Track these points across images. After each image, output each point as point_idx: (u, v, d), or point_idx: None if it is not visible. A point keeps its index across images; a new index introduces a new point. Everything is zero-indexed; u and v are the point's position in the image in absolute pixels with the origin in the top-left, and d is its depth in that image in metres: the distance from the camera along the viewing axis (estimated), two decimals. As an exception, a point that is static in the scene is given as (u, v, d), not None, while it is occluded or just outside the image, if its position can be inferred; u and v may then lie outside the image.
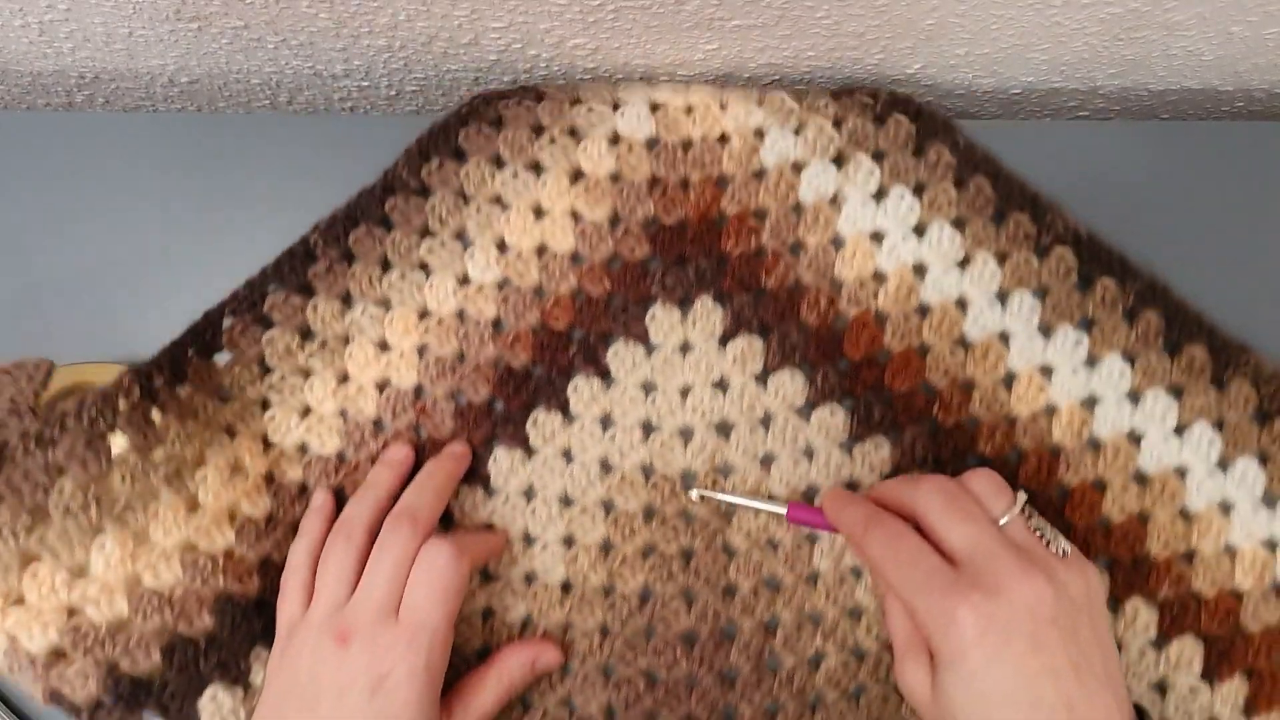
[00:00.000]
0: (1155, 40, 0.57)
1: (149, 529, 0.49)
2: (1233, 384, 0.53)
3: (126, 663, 0.48)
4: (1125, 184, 0.58)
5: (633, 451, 0.54)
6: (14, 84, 0.63)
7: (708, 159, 0.55)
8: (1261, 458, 0.53)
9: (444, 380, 0.54)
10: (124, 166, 0.57)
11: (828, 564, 0.53)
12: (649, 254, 0.55)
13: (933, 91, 0.63)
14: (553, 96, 0.55)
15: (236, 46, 0.58)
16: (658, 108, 0.55)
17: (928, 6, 0.53)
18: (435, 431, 0.53)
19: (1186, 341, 0.53)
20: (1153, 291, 0.54)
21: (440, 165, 0.55)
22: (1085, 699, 0.41)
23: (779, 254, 0.55)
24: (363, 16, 0.54)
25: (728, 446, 0.54)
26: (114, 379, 0.48)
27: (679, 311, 0.54)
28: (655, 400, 0.54)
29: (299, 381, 0.53)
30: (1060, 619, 0.42)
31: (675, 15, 0.53)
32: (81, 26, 0.55)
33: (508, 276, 0.55)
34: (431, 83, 0.62)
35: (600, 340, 0.54)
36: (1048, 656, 0.41)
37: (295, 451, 0.53)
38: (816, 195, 0.55)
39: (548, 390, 0.54)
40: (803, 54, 0.58)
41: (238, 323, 0.52)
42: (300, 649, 0.46)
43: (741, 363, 0.54)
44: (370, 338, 0.54)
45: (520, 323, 0.54)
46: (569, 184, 0.55)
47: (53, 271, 0.57)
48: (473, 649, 0.52)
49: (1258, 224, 0.58)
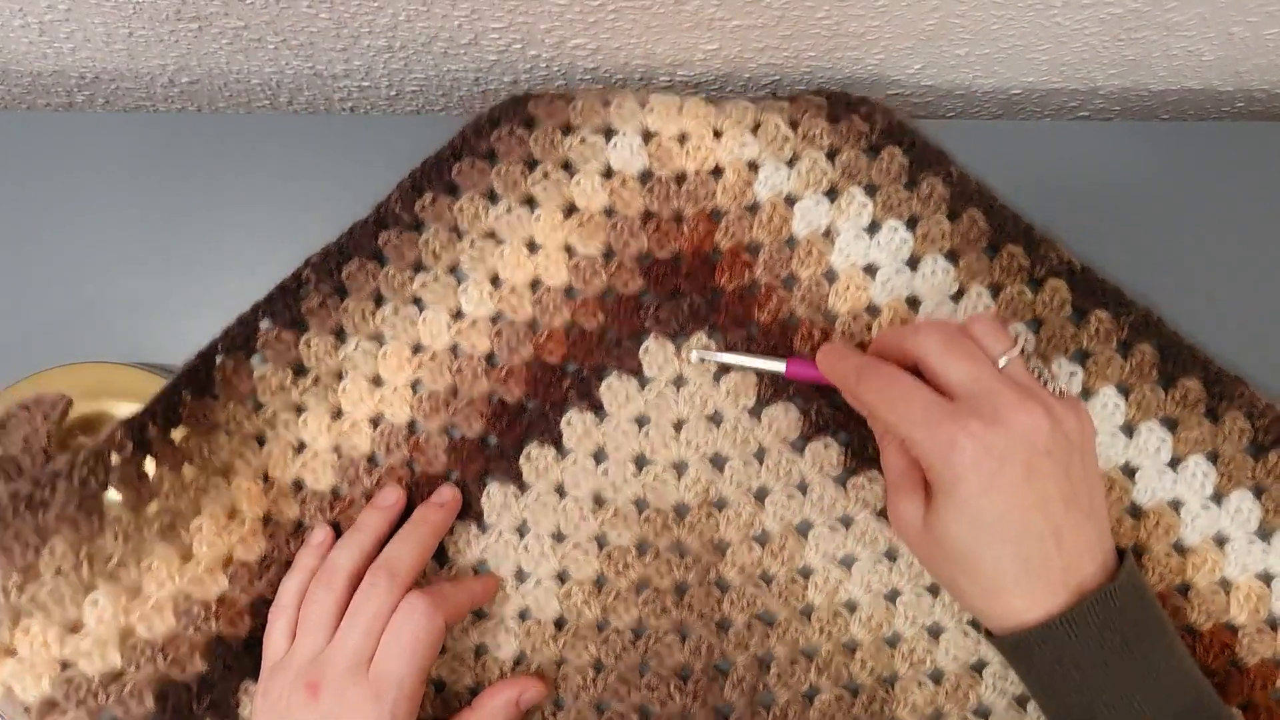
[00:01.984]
0: (1155, 40, 0.57)
1: (142, 582, 0.49)
2: (1227, 417, 0.53)
3: (120, 710, 0.48)
4: (1125, 184, 0.58)
5: (626, 486, 0.54)
6: (14, 84, 0.63)
7: (701, 193, 0.55)
8: (1256, 491, 0.53)
9: (437, 415, 0.54)
10: (124, 166, 0.57)
11: (822, 598, 0.53)
12: (642, 288, 0.55)
13: (933, 91, 0.64)
14: (543, 124, 0.55)
15: (236, 46, 0.58)
16: (650, 138, 0.55)
17: (928, 6, 0.53)
18: (429, 467, 0.53)
19: (1181, 374, 0.53)
20: (1147, 324, 0.54)
21: (433, 200, 0.54)
22: (1072, 530, 0.43)
23: (772, 288, 0.55)
24: (363, 16, 0.54)
25: (721, 480, 0.54)
26: (106, 433, 0.47)
27: (672, 345, 0.54)
28: (649, 434, 0.54)
29: (292, 418, 0.53)
30: (1055, 451, 0.43)
31: (675, 15, 0.53)
32: (81, 26, 0.55)
33: (501, 311, 0.54)
34: (431, 83, 0.62)
35: (594, 374, 0.54)
36: (1040, 486, 0.42)
37: (291, 488, 0.53)
38: (810, 229, 0.55)
39: (541, 424, 0.54)
40: (803, 54, 0.58)
41: (231, 360, 0.52)
42: (278, 694, 0.47)
43: (735, 396, 0.54)
44: (364, 373, 0.54)
45: (514, 357, 0.54)
46: (562, 218, 0.55)
47: (53, 271, 0.57)
48: (464, 686, 0.52)
49: (1258, 224, 0.58)
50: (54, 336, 0.56)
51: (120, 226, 0.57)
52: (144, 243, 0.57)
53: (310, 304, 0.53)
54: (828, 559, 0.53)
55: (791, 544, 0.53)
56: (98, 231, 0.57)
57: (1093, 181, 0.58)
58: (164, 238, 0.57)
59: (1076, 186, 0.58)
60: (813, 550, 0.53)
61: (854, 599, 0.53)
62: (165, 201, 0.57)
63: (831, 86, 0.63)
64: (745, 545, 0.53)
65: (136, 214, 0.57)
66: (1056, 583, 0.43)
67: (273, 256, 0.57)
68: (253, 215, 0.57)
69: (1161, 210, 0.58)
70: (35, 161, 0.57)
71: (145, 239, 0.57)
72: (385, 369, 0.54)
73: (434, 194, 0.54)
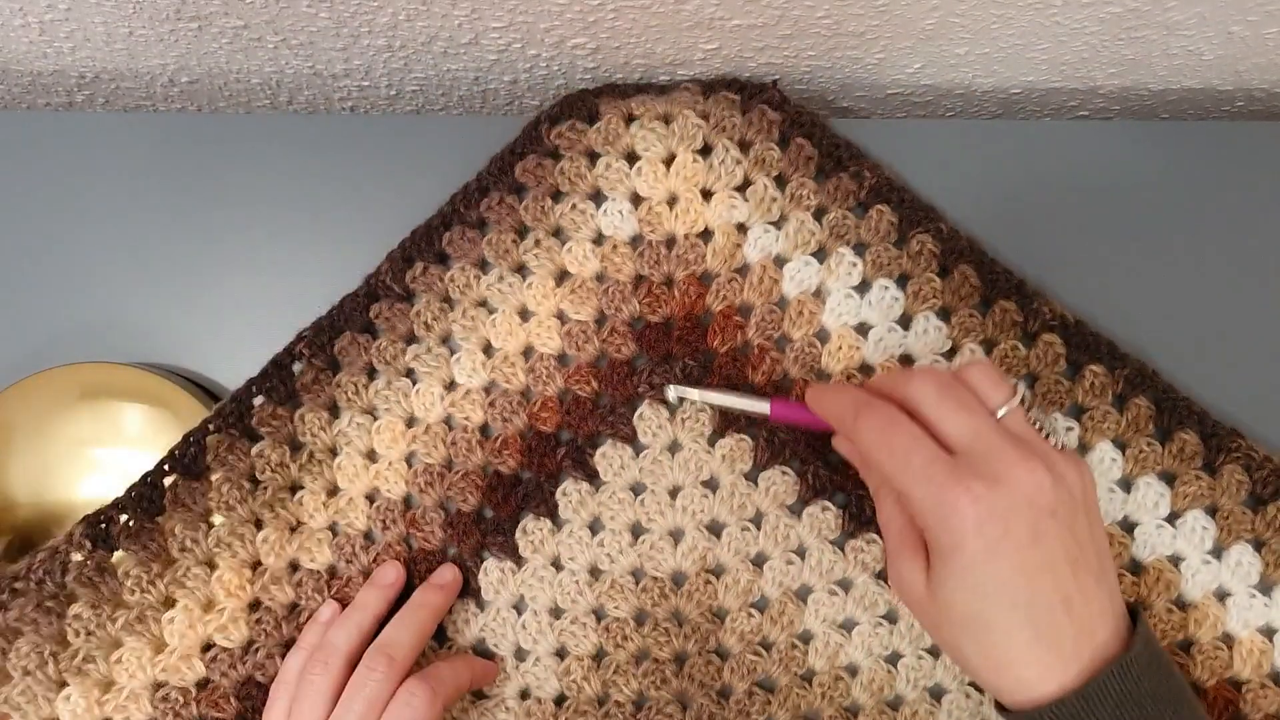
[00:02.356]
0: (1155, 40, 0.57)
1: (113, 674, 0.49)
2: (1225, 470, 0.53)
3: None
4: (1125, 184, 0.58)
5: (622, 556, 0.53)
6: (14, 84, 0.63)
7: (691, 256, 0.55)
8: (1256, 544, 0.53)
9: (433, 489, 0.53)
10: (124, 166, 0.57)
11: (822, 663, 0.53)
12: (635, 352, 0.54)
13: (932, 91, 0.64)
14: (532, 190, 0.54)
15: (236, 46, 0.58)
16: (640, 202, 0.55)
17: (928, 6, 0.53)
18: (425, 543, 0.53)
19: (1177, 427, 0.53)
20: (1141, 377, 0.53)
21: (424, 270, 0.54)
22: (1081, 595, 0.41)
23: (765, 349, 0.54)
24: (363, 16, 0.54)
25: (719, 547, 0.53)
26: (64, 532, 0.48)
27: (667, 411, 0.54)
28: (644, 501, 0.54)
29: (288, 497, 0.53)
30: (1059, 511, 0.41)
31: (675, 15, 0.53)
32: (81, 26, 0.55)
33: (494, 380, 0.54)
34: (431, 83, 0.62)
35: (588, 442, 0.54)
36: (1046, 549, 0.40)
37: (285, 571, 0.52)
38: (800, 289, 0.55)
39: (536, 496, 0.54)
40: (803, 53, 0.58)
41: (225, 439, 0.52)
42: None
43: (731, 461, 0.54)
44: (358, 448, 0.53)
45: (508, 427, 0.54)
46: (554, 285, 0.55)
47: (53, 271, 0.57)
48: (467, 766, 0.52)
49: (1258, 224, 0.58)
50: (54, 336, 0.56)
51: (120, 226, 0.57)
52: (144, 243, 0.57)
53: (304, 379, 0.53)
54: (827, 623, 0.53)
55: (791, 609, 0.53)
56: (98, 231, 0.57)
57: (1093, 181, 0.58)
58: (164, 238, 0.57)
59: (1076, 186, 0.58)
60: (812, 615, 0.53)
61: (855, 663, 0.53)
62: (165, 201, 0.57)
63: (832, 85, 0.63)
64: (744, 612, 0.53)
65: (136, 214, 0.57)
66: (1068, 652, 0.40)
67: (273, 256, 0.57)
68: (253, 215, 0.57)
69: (1161, 210, 0.58)
70: (35, 161, 0.57)
71: (145, 239, 0.57)
72: (380, 443, 0.54)
73: (424, 264, 0.54)
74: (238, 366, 0.56)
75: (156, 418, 0.53)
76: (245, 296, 0.56)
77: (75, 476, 0.53)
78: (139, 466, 0.52)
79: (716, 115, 0.55)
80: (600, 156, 0.55)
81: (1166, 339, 0.56)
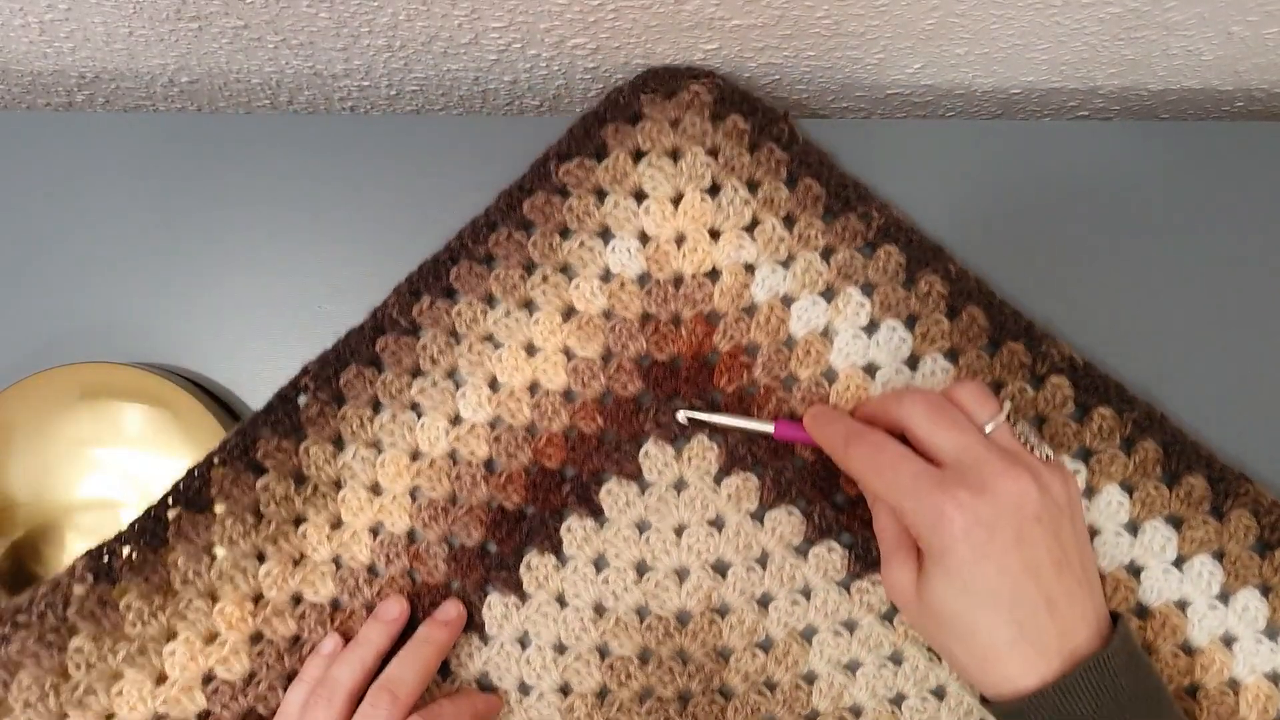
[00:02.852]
0: (1155, 40, 0.57)
1: (114, 706, 0.49)
2: (1232, 514, 0.52)
3: None
4: (1125, 184, 0.58)
5: (626, 594, 0.53)
6: (14, 84, 0.63)
7: (699, 295, 0.55)
8: (1263, 589, 0.52)
9: (437, 524, 0.53)
10: (124, 166, 0.57)
11: (827, 704, 0.52)
12: (641, 390, 0.54)
13: (932, 91, 0.64)
14: (540, 227, 0.54)
15: (236, 46, 0.58)
16: (648, 240, 0.55)
17: (927, 6, 0.53)
18: (429, 577, 0.53)
19: (1185, 471, 0.53)
20: (1150, 420, 0.53)
21: (431, 304, 0.54)
22: (1065, 596, 0.43)
23: (772, 389, 0.54)
24: (363, 16, 0.54)
25: (724, 586, 0.53)
26: (68, 565, 0.49)
27: (672, 448, 0.54)
28: (649, 540, 0.53)
29: (292, 530, 0.53)
30: (1044, 517, 0.43)
31: (675, 15, 0.53)
32: (81, 26, 0.56)
33: (499, 415, 0.54)
34: (431, 83, 0.62)
35: (593, 479, 0.54)
36: (1031, 553, 0.43)
37: (288, 604, 0.52)
38: (808, 329, 0.55)
39: (541, 532, 0.53)
40: (803, 54, 0.58)
41: (229, 472, 0.51)
42: None
43: (737, 500, 0.54)
44: (362, 481, 0.53)
45: (513, 462, 0.54)
46: (561, 321, 0.55)
47: (53, 271, 0.57)
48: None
49: (1258, 224, 0.58)
50: (54, 336, 0.56)
51: (120, 226, 0.57)
52: (144, 243, 0.57)
53: (309, 412, 0.53)
54: (832, 664, 0.53)
55: (795, 650, 0.53)
56: (98, 231, 0.57)
57: (1093, 181, 0.58)
58: (164, 238, 0.57)
59: (1076, 186, 0.58)
60: (817, 656, 0.53)
61: (859, 704, 0.53)
62: (165, 201, 0.57)
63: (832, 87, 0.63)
64: (749, 652, 0.53)
65: (136, 214, 0.57)
66: (1051, 649, 0.43)
67: (273, 256, 0.57)
68: (253, 215, 0.57)
69: (1161, 210, 0.58)
70: (35, 161, 0.57)
71: (145, 239, 0.57)
72: (384, 477, 0.53)
73: (431, 298, 0.54)
74: (238, 366, 0.56)
75: (156, 418, 0.53)
76: (245, 296, 0.56)
77: (75, 476, 0.53)
78: (139, 466, 0.53)
79: (726, 153, 0.55)
80: (608, 194, 0.55)
81: (1166, 339, 0.56)
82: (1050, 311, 0.56)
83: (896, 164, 0.57)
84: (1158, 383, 0.56)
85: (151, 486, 0.53)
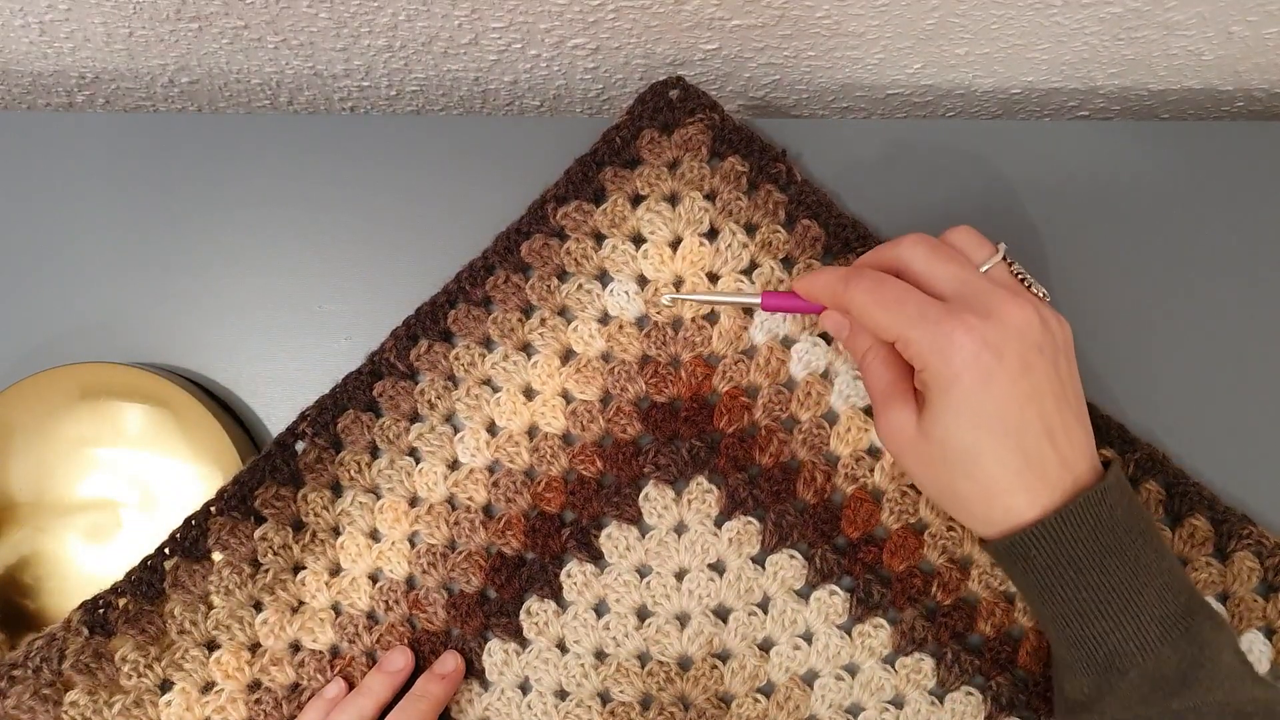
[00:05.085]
0: (1155, 40, 0.57)
1: None
2: (1236, 557, 0.52)
3: None
4: (1125, 184, 0.58)
5: (627, 640, 0.53)
6: (14, 84, 0.63)
7: (698, 338, 0.54)
8: (1267, 632, 0.52)
9: (436, 570, 0.53)
10: (124, 166, 0.57)
11: None
12: (640, 432, 0.54)
13: (932, 91, 0.64)
14: (538, 270, 0.54)
15: (236, 46, 0.58)
16: (646, 283, 0.55)
17: (928, 6, 0.53)
18: (428, 623, 0.53)
19: (1188, 513, 0.53)
20: (1152, 462, 0.53)
21: (429, 348, 0.54)
22: (1063, 429, 0.44)
23: (772, 430, 0.54)
24: (363, 16, 0.54)
25: (725, 631, 0.53)
26: (64, 618, 0.49)
27: (672, 491, 0.54)
28: (650, 584, 0.53)
29: (291, 578, 0.52)
30: (1045, 347, 0.44)
31: (675, 15, 0.53)
32: (81, 26, 0.56)
33: (498, 459, 0.54)
34: (431, 83, 0.62)
35: (593, 523, 0.54)
36: (1034, 381, 0.43)
37: (286, 652, 0.52)
38: (807, 371, 0.54)
39: (540, 577, 0.53)
40: (803, 53, 0.58)
41: (227, 521, 0.51)
42: None
43: (738, 545, 0.53)
44: (361, 527, 0.53)
45: (511, 508, 0.53)
46: (559, 364, 0.54)
47: (53, 271, 0.57)
48: None
49: (1258, 224, 0.58)
50: (54, 336, 0.56)
51: (121, 226, 0.57)
52: (144, 243, 0.57)
53: (307, 459, 0.52)
54: (834, 709, 0.52)
55: (797, 695, 0.52)
56: (98, 231, 0.57)
57: (1093, 181, 0.58)
58: (164, 238, 0.57)
59: (1076, 186, 0.58)
60: (819, 700, 0.52)
61: None
62: (165, 201, 0.57)
63: (832, 87, 0.63)
64: (750, 697, 0.52)
65: (137, 214, 0.57)
66: (1054, 479, 0.44)
67: (273, 256, 0.57)
68: (253, 215, 0.57)
69: (1161, 210, 0.58)
70: (35, 161, 0.57)
71: (146, 239, 0.57)
72: (382, 523, 0.53)
73: (429, 342, 0.54)
74: (238, 366, 0.56)
75: (156, 418, 0.53)
76: (245, 296, 0.56)
77: (75, 476, 0.53)
78: (139, 466, 0.53)
79: (724, 197, 0.54)
80: (606, 238, 0.55)
81: (1166, 339, 0.56)
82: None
83: (897, 164, 0.57)
84: (1158, 383, 0.56)
85: (152, 486, 0.53)
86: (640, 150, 0.55)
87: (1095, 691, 0.44)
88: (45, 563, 0.53)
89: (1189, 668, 0.42)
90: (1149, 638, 0.43)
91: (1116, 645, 0.43)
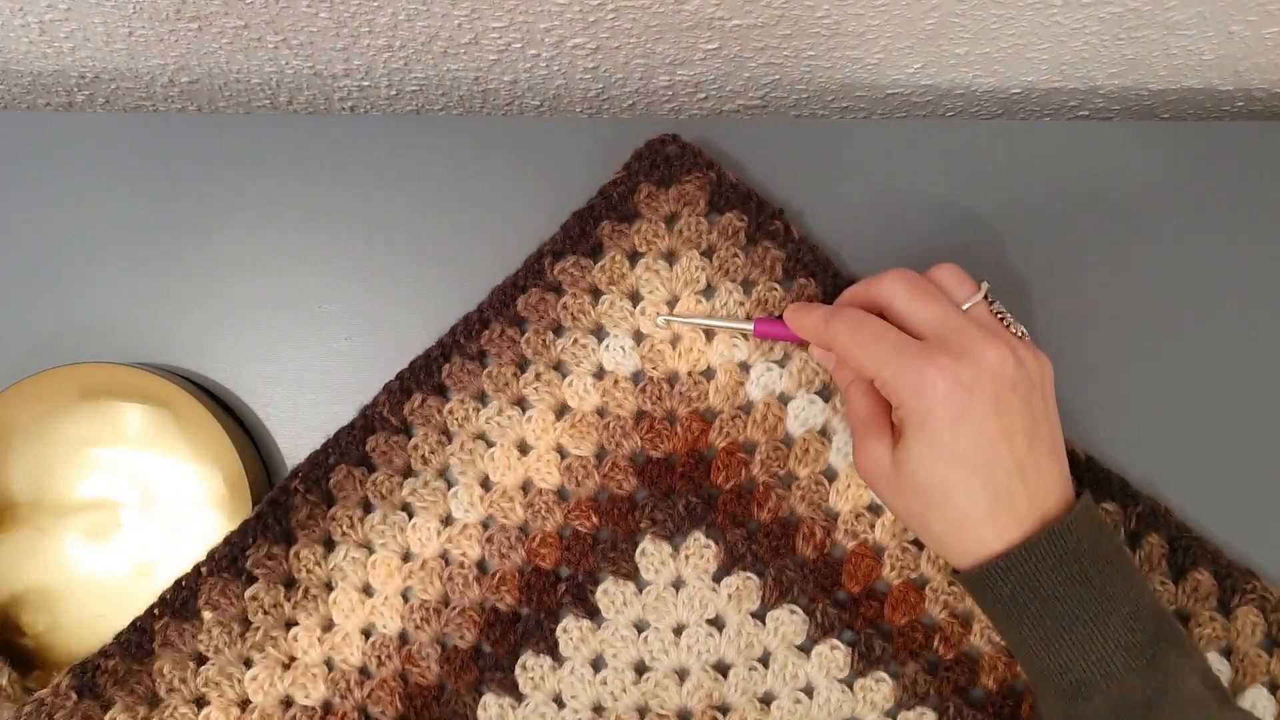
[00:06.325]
0: (1155, 40, 0.57)
1: None
2: (1240, 612, 0.52)
3: None
4: (1125, 184, 0.58)
5: (625, 694, 0.52)
6: (14, 84, 0.63)
7: (694, 393, 0.54)
8: (1271, 686, 0.52)
9: (429, 625, 0.52)
10: (124, 166, 0.57)
11: None
12: (636, 488, 0.54)
13: (932, 91, 0.64)
14: (533, 324, 0.54)
15: (236, 46, 0.58)
16: (642, 339, 0.54)
17: (927, 5, 0.53)
18: (422, 678, 0.52)
19: (1191, 567, 0.52)
20: (1154, 515, 0.53)
21: (422, 402, 0.53)
22: (1034, 466, 0.45)
23: (770, 486, 0.53)
24: (363, 16, 0.54)
25: (725, 686, 0.53)
26: (53, 682, 0.49)
27: (669, 546, 0.53)
28: (648, 639, 0.53)
29: (282, 635, 0.52)
30: (1019, 387, 0.45)
31: (675, 15, 0.53)
32: (81, 26, 0.56)
33: (492, 515, 0.53)
34: (431, 83, 0.62)
35: (589, 578, 0.53)
36: (1006, 420, 0.44)
37: (278, 707, 0.52)
38: (805, 427, 0.54)
39: (536, 633, 0.53)
40: (803, 53, 0.58)
41: (218, 581, 0.51)
42: None
43: (738, 600, 0.53)
44: (353, 583, 0.53)
45: (506, 563, 0.53)
46: (554, 419, 0.54)
47: (53, 271, 0.57)
48: None
49: (1258, 224, 0.58)
50: (54, 336, 0.56)
51: (120, 226, 0.57)
52: (144, 243, 0.57)
53: (299, 515, 0.52)
54: None
55: None
56: (98, 231, 0.57)
57: (1093, 181, 0.58)
58: (164, 238, 0.57)
59: (1076, 186, 0.58)
60: None
61: None
62: (166, 202, 0.57)
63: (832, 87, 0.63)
64: None
65: (137, 214, 0.57)
66: (1023, 514, 0.44)
67: (273, 256, 0.57)
68: (253, 215, 0.57)
69: (1161, 210, 0.58)
70: (35, 161, 0.57)
71: (145, 239, 0.57)
72: (375, 578, 0.53)
73: (423, 396, 0.53)
74: (238, 366, 0.56)
75: (156, 418, 0.53)
76: (245, 296, 0.56)
77: (75, 476, 0.53)
78: (139, 466, 0.52)
79: (721, 254, 0.54)
80: (604, 294, 0.54)
81: (1166, 339, 0.56)
82: (1050, 311, 0.56)
83: (896, 164, 0.57)
84: (1158, 382, 0.56)
85: (152, 486, 0.53)
86: (638, 204, 0.54)
87: (1064, 719, 0.44)
88: (45, 563, 0.53)
89: (1154, 695, 0.43)
90: (1114, 666, 0.43)
91: (1081, 674, 0.43)
